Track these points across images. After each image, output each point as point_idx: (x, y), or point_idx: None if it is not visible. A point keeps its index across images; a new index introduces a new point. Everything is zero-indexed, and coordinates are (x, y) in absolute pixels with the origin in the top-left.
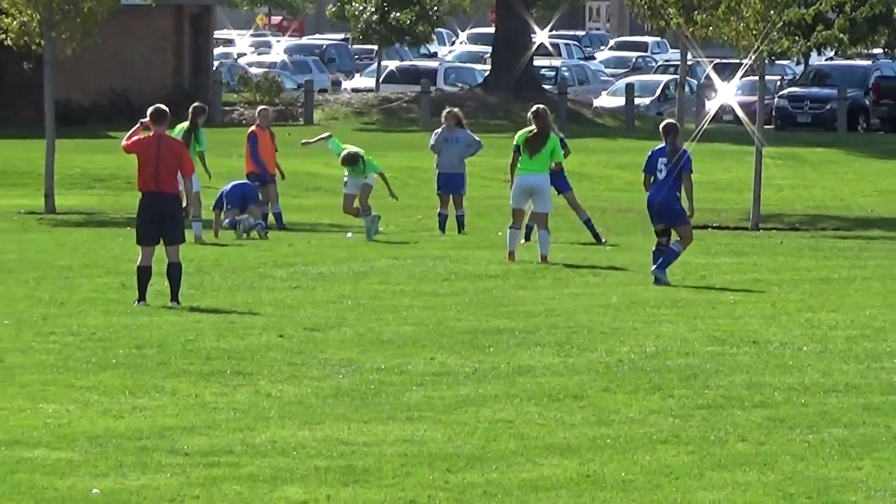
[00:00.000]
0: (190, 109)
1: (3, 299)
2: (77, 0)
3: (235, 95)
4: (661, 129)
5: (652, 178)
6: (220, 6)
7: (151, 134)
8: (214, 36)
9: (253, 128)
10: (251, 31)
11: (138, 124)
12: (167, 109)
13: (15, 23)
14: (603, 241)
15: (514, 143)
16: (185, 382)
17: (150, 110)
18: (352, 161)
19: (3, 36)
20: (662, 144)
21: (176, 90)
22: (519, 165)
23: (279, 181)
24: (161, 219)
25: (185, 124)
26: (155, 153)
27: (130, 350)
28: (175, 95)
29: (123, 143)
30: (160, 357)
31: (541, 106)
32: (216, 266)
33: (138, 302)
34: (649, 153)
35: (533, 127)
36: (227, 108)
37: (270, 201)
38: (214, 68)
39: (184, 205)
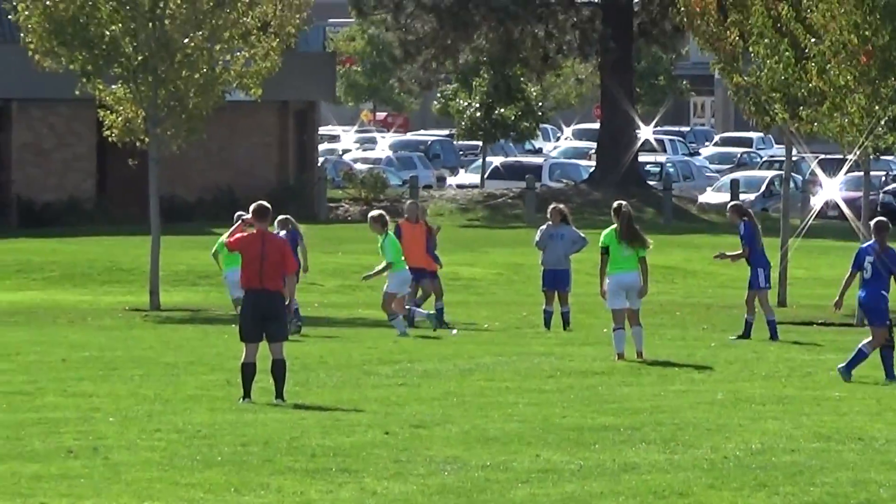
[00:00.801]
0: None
1: (109, 396)
2: (182, 96)
3: (340, 192)
4: (872, 227)
5: (858, 275)
6: (325, 102)
7: (255, 231)
8: (319, 132)
9: (400, 221)
10: (356, 127)
11: (239, 221)
12: (269, 206)
13: (120, 119)
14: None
15: (602, 244)
16: (291, 480)
17: (252, 207)
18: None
19: (109, 132)
20: (871, 241)
21: (281, 186)
22: (610, 265)
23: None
24: (265, 316)
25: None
26: (259, 251)
27: (236, 447)
28: (280, 191)
29: (225, 239)
30: (265, 454)
31: (622, 202)
32: (321, 363)
33: (243, 399)
34: (857, 250)
35: (616, 225)
36: (331, 204)
37: (437, 297)
38: (319, 164)
39: (286, 302)
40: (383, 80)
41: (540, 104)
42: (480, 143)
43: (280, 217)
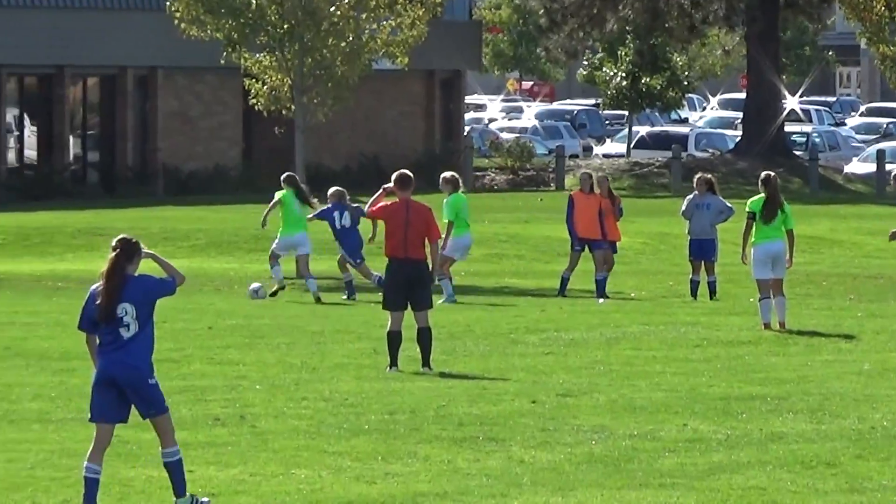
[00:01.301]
0: (286, 178)
1: (256, 365)
2: (328, 65)
3: (486, 161)
4: None
5: None
6: (471, 71)
7: (398, 200)
8: (465, 101)
9: (574, 191)
10: (502, 97)
11: (381, 190)
12: (412, 175)
13: (266, 88)
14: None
15: (748, 210)
16: (438, 448)
17: (395, 176)
18: None
19: (255, 101)
20: None
21: (426, 155)
22: (754, 234)
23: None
24: (410, 284)
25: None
26: (403, 219)
27: (383, 416)
28: (426, 160)
29: (368, 209)
30: (413, 423)
31: (770, 173)
32: (468, 332)
33: (390, 367)
34: None
35: (763, 194)
36: (477, 173)
37: (598, 267)
38: (465, 133)
39: (430, 269)
40: (529, 49)
41: (686, 74)
42: (626, 113)
43: (333, 189)
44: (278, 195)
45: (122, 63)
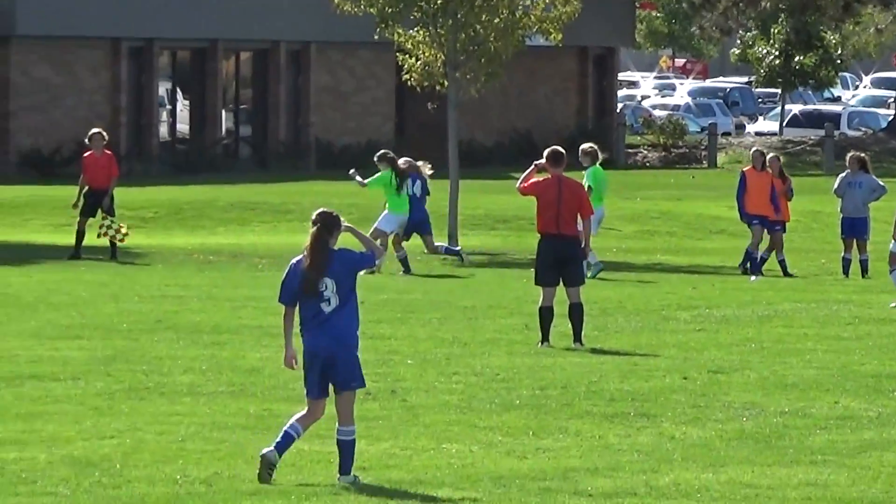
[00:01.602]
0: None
1: (407, 339)
2: (482, 41)
3: (638, 138)
4: None
5: None
6: (625, 48)
7: (550, 176)
8: (618, 78)
9: (745, 168)
10: (655, 74)
11: (532, 166)
12: (564, 151)
13: (419, 63)
14: None
15: None
16: (589, 424)
17: (546, 152)
18: None
19: (408, 76)
20: None
21: (579, 131)
22: None
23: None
24: (562, 261)
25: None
26: (556, 195)
27: (534, 391)
28: (578, 137)
29: (519, 185)
30: (564, 398)
31: None
32: (620, 308)
33: (542, 343)
34: None
35: None
36: (630, 150)
37: (777, 249)
38: (618, 110)
39: (583, 246)
40: (683, 27)
41: (839, 52)
42: (779, 91)
43: (404, 159)
44: (377, 177)
45: (275, 37)
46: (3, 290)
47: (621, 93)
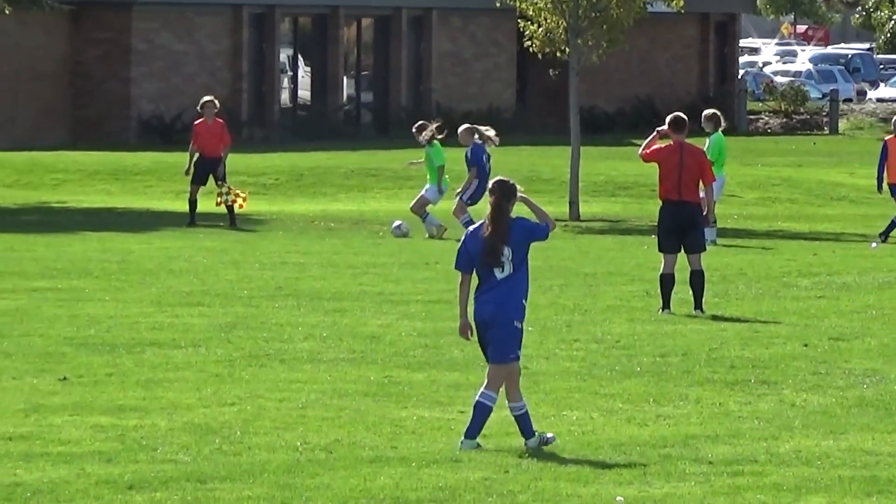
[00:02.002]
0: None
1: (529, 307)
2: (604, 7)
3: (760, 104)
4: None
5: None
6: (746, 14)
7: (672, 142)
8: (740, 44)
9: (888, 137)
10: (776, 40)
11: (654, 133)
12: (686, 118)
13: (540, 30)
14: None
15: None
16: (710, 391)
17: (669, 118)
18: None
19: (529, 43)
20: None
21: (700, 98)
22: None
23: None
24: (683, 227)
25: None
26: (678, 162)
27: (654, 358)
28: (699, 103)
29: (641, 151)
30: (684, 365)
31: None
32: (740, 275)
33: (662, 310)
34: None
35: None
36: (751, 116)
37: None
38: (739, 77)
39: (704, 213)
40: None
41: None
42: None
43: (461, 126)
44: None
45: (396, 4)
46: (124, 256)
47: (742, 59)
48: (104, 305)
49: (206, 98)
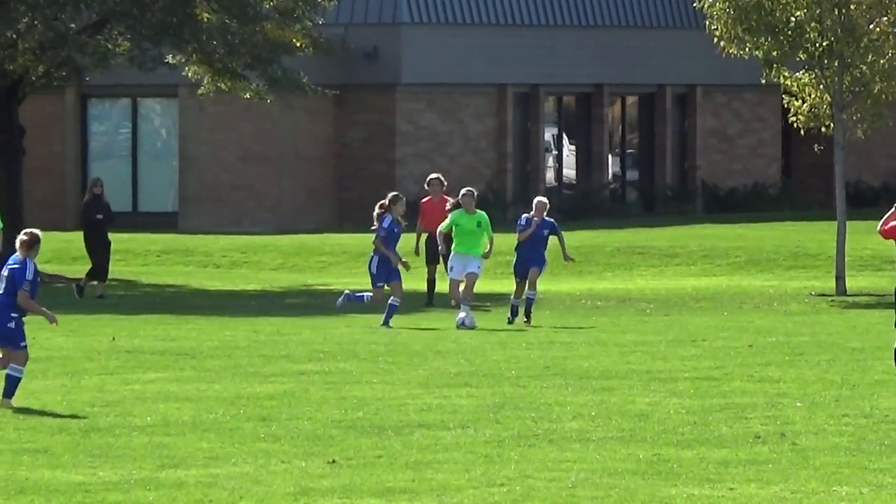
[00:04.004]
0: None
1: (796, 381)
2: (867, 81)
3: None
4: None
5: None
6: None
7: None
8: None
9: None
10: None
11: (893, 208)
12: None
13: (805, 105)
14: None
15: None
16: None
17: None
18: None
19: (794, 119)
20: None
21: None
22: None
23: None
24: None
25: None
26: None
27: None
28: None
29: (879, 227)
30: None
31: None
32: None
33: None
34: None
35: None
36: None
37: None
38: None
39: None
40: None
41: None
42: None
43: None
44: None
45: (661, 81)
46: (391, 338)
47: None
48: (372, 388)
49: (433, 175)
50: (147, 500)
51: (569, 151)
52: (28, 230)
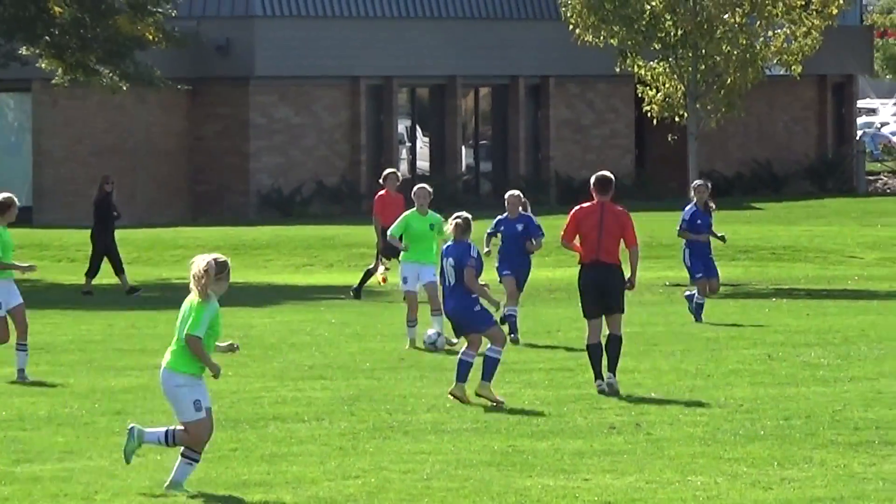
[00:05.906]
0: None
1: (651, 372)
2: (721, 72)
3: (879, 164)
4: None
5: None
6: (863, 76)
7: None
8: (857, 105)
9: None
10: (894, 100)
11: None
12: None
13: (659, 95)
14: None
15: None
16: (833, 453)
17: None
18: None
19: (648, 109)
20: None
21: (819, 160)
22: None
23: None
24: None
25: None
26: None
27: (778, 421)
28: (818, 165)
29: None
30: (808, 428)
31: None
32: (862, 336)
33: None
34: None
35: None
36: (870, 177)
37: None
38: (857, 138)
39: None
40: None
41: None
42: None
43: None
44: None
45: (513, 73)
46: (245, 331)
47: (860, 120)
48: (227, 381)
49: (389, 170)
50: (2, 494)
51: (422, 143)
52: None
